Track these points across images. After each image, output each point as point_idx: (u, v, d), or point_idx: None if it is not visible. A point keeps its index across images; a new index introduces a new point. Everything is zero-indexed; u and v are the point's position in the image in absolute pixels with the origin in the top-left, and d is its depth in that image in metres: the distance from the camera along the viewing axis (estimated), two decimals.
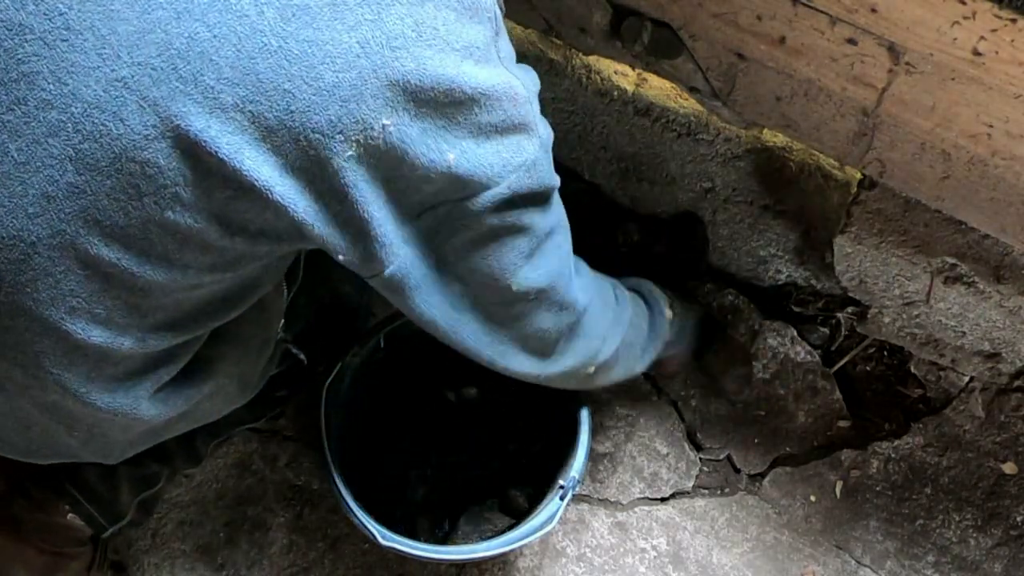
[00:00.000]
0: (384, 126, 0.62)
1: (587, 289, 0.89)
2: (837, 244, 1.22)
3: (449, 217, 0.70)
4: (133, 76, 0.59)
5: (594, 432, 1.16)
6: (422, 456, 1.32)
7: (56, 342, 0.69)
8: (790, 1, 0.91)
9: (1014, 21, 0.79)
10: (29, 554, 1.04)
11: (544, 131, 0.74)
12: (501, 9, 0.72)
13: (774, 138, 1.19)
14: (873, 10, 0.86)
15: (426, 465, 1.32)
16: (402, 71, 0.61)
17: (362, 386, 1.24)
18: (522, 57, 1.42)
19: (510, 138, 0.69)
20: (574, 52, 1.25)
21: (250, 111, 0.60)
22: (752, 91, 1.05)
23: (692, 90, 1.12)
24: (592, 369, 0.95)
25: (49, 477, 1.04)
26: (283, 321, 0.98)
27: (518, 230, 0.74)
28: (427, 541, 1.23)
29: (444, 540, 1.27)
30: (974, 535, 1.26)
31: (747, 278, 1.40)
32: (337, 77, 0.60)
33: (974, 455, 1.29)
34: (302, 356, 1.09)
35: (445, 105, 0.64)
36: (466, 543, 1.24)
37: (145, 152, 0.60)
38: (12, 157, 0.61)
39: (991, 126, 0.89)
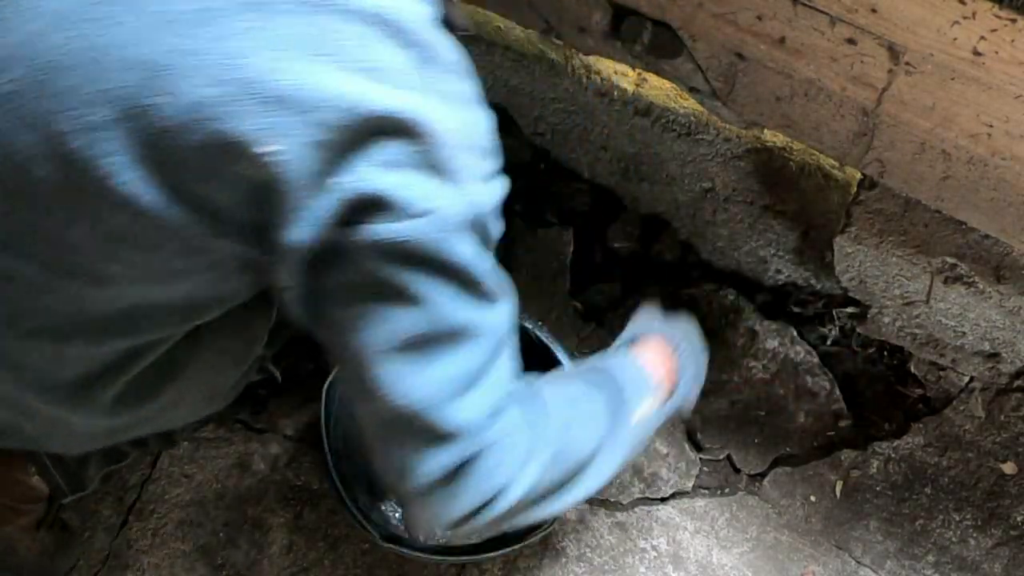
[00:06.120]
0: (268, 152, 0.55)
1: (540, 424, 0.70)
2: (837, 244, 1.22)
3: (339, 242, 0.59)
4: (14, 92, 0.57)
5: None
6: None
7: (8, 346, 0.70)
8: (790, 1, 0.91)
9: (1014, 21, 0.79)
10: None
11: (482, 197, 0.62)
12: (459, 27, 0.64)
13: (774, 138, 1.19)
14: (873, 10, 0.86)
15: None
16: (284, 87, 0.54)
17: None
18: (522, 57, 1.42)
19: (413, 174, 0.58)
20: (574, 52, 1.25)
21: (126, 126, 0.55)
22: (752, 91, 1.05)
23: (692, 90, 1.12)
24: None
25: None
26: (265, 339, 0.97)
27: (403, 296, 0.60)
28: (427, 542, 1.23)
29: (444, 541, 1.27)
30: (974, 535, 1.26)
31: (747, 278, 1.40)
32: (204, 92, 0.54)
33: (974, 455, 1.29)
34: (277, 374, 1.08)
35: (337, 130, 0.55)
36: (466, 543, 1.24)
37: (37, 170, 0.58)
38: None
39: (991, 126, 0.89)
